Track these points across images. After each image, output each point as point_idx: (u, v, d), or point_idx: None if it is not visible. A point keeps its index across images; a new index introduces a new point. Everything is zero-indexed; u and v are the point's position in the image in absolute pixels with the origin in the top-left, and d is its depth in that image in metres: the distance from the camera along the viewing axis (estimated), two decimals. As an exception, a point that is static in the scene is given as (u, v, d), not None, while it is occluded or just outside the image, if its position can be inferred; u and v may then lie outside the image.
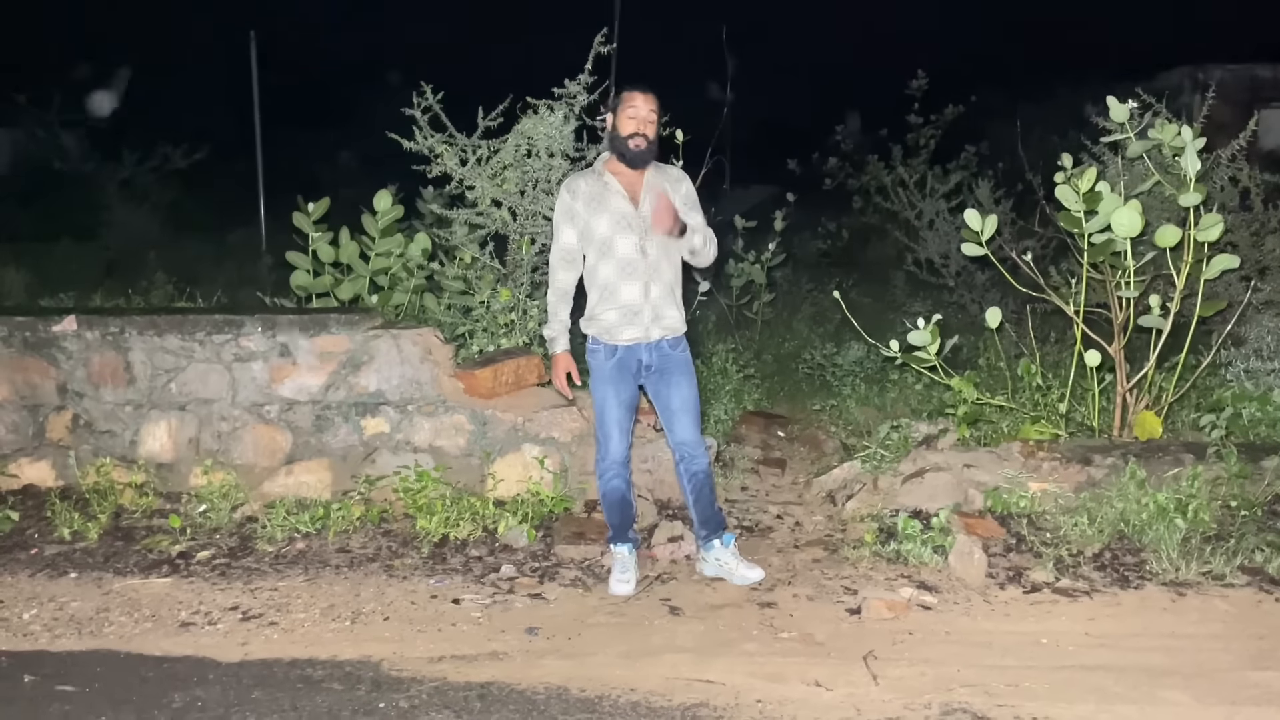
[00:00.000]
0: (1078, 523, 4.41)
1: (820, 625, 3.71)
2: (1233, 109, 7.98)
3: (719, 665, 3.40)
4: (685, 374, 4.06)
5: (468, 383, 5.10)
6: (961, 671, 3.33)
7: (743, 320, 8.65)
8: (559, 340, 4.11)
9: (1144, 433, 5.05)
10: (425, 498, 4.74)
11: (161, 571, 4.29)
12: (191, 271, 9.70)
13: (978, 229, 5.00)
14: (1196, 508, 4.34)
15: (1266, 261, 6.33)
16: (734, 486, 5.38)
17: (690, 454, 4.09)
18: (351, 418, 5.11)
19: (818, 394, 6.93)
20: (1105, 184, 4.84)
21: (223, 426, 5.15)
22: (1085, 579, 4.04)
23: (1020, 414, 5.42)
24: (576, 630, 3.71)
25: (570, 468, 5.01)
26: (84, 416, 5.21)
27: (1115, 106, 4.98)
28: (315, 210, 6.10)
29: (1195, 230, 4.80)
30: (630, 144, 3.92)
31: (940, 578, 4.09)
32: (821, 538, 4.64)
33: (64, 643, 3.66)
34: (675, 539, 4.44)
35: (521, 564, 4.32)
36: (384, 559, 4.39)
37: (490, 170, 5.82)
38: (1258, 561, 4.09)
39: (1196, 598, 3.87)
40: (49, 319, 5.25)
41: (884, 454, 5.19)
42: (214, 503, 4.82)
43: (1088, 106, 6.13)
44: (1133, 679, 3.26)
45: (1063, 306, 5.35)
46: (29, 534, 4.71)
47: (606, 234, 3.94)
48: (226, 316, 5.21)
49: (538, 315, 5.56)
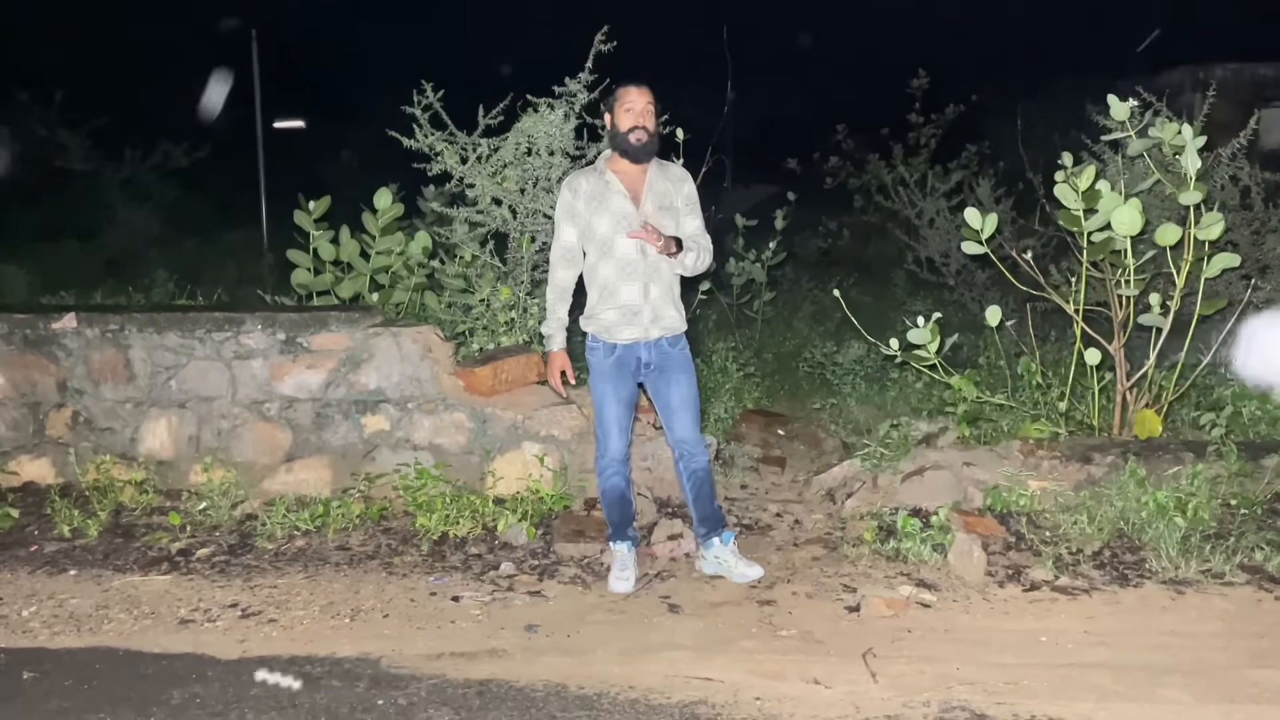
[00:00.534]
0: (1077, 521, 4.41)
1: (819, 623, 3.71)
2: (1233, 108, 7.96)
3: (718, 663, 3.40)
4: (685, 372, 4.06)
5: (468, 380, 5.11)
6: (961, 669, 3.33)
7: (743, 319, 8.65)
8: (555, 338, 4.11)
9: (1144, 431, 5.05)
10: (425, 495, 4.74)
11: (161, 569, 4.29)
12: (193, 270, 9.72)
13: (978, 227, 5.00)
14: (1196, 506, 4.34)
15: (1267, 260, 6.32)
16: (734, 484, 5.38)
17: (690, 452, 4.09)
18: (352, 415, 5.11)
19: (818, 392, 6.93)
20: (1105, 182, 4.84)
21: (223, 424, 5.15)
22: (1085, 577, 4.04)
23: (1020, 412, 5.42)
24: (576, 628, 3.71)
25: (570, 465, 5.01)
26: (84, 414, 5.21)
27: (1116, 105, 4.98)
28: (316, 208, 6.11)
29: (1196, 229, 4.80)
30: (632, 138, 3.92)
31: (940, 576, 4.08)
32: (821, 536, 4.64)
33: (63, 640, 3.66)
34: (675, 537, 4.44)
35: (521, 561, 4.32)
36: (383, 556, 4.39)
37: (490, 168, 5.82)
38: (1257, 560, 4.09)
39: (1196, 596, 3.87)
40: (49, 316, 5.26)
41: (884, 452, 5.18)
42: (214, 500, 4.82)
43: (1088, 105, 6.13)
44: (1132, 677, 3.26)
45: (1063, 305, 5.35)
46: (29, 531, 4.71)
47: (607, 233, 3.94)
48: (227, 314, 5.21)
49: (538, 313, 5.57)
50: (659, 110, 4.02)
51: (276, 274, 9.44)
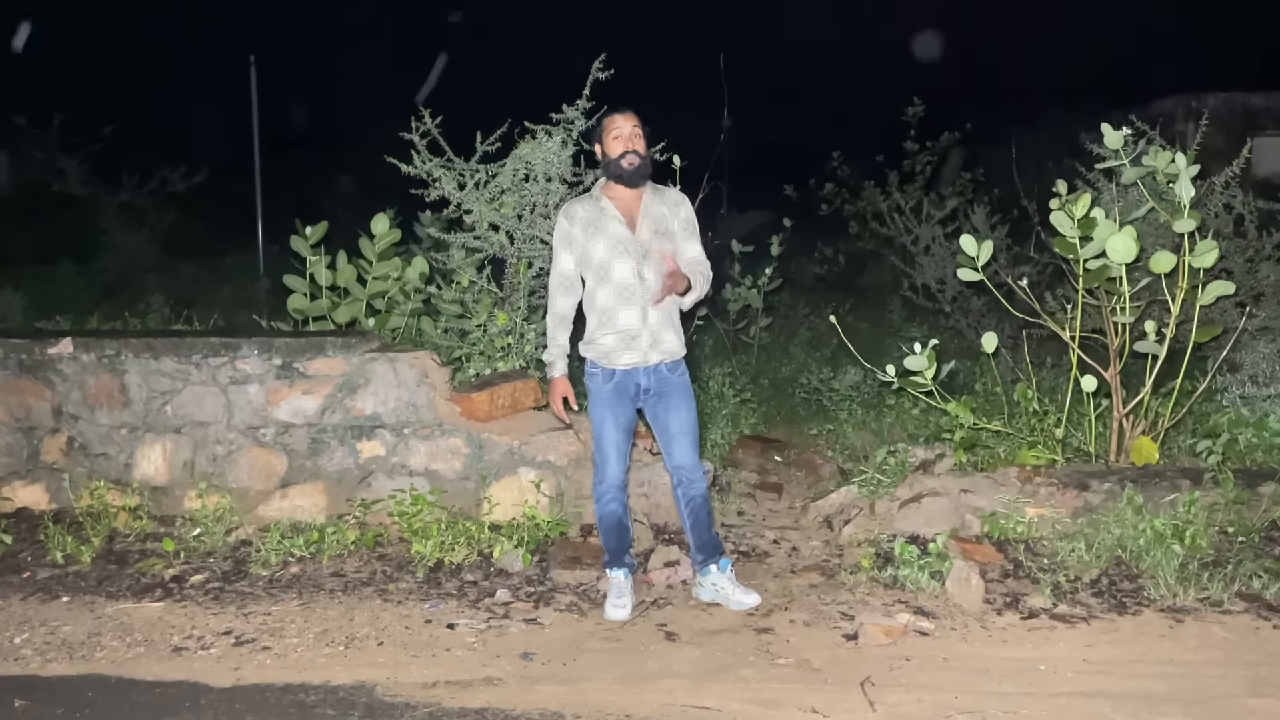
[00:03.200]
0: (1075, 548, 4.40)
1: (817, 651, 3.69)
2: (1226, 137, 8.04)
3: (715, 691, 3.38)
4: (684, 397, 4.05)
5: (464, 406, 5.10)
6: (959, 698, 3.31)
7: (740, 344, 8.66)
8: (557, 364, 4.11)
9: (1140, 458, 5.04)
10: (420, 521, 4.72)
11: (154, 595, 4.26)
12: (188, 295, 9.73)
13: (974, 254, 5.02)
14: (1194, 533, 4.33)
15: (1261, 288, 6.36)
16: (730, 511, 5.37)
17: (688, 478, 4.08)
18: (347, 441, 5.10)
19: (814, 418, 6.92)
20: (1100, 210, 4.87)
21: (218, 449, 5.14)
22: (1083, 605, 4.02)
23: (1017, 439, 5.42)
24: (572, 655, 3.69)
25: (566, 491, 5.00)
26: (79, 439, 5.19)
27: (1110, 133, 5.02)
28: (313, 234, 6.11)
29: (1190, 256, 4.82)
30: (624, 162, 3.93)
31: (937, 603, 4.07)
32: (818, 563, 4.62)
33: (55, 667, 3.63)
34: (671, 564, 4.42)
35: (517, 589, 4.30)
36: (379, 583, 4.37)
37: (488, 194, 5.84)
38: (1255, 588, 4.08)
39: (1194, 624, 3.85)
40: (45, 341, 5.25)
41: (881, 479, 5.18)
42: (208, 526, 4.80)
43: (1082, 134, 6.18)
44: (1131, 706, 3.24)
45: (1059, 332, 5.37)
46: (21, 557, 4.68)
47: (604, 259, 3.94)
48: (223, 339, 5.20)
49: (535, 339, 5.57)
50: (648, 134, 4.04)
51: (272, 299, 9.43)
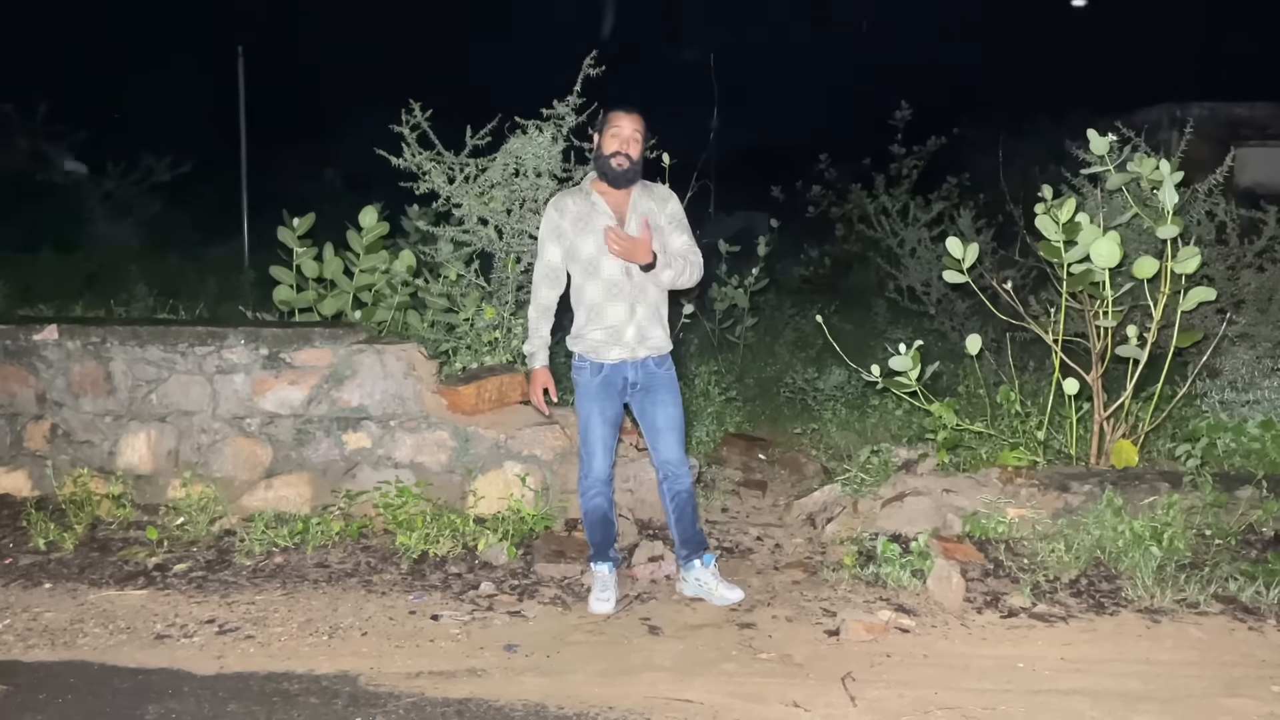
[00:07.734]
0: (1055, 549, 4.44)
1: (799, 646, 3.72)
2: (1210, 146, 8.10)
3: (698, 685, 3.40)
4: (671, 392, 4.07)
5: (451, 399, 5.10)
6: (939, 694, 3.34)
7: (725, 344, 8.69)
8: (538, 355, 4.11)
9: (1121, 461, 5.10)
10: (405, 513, 4.73)
11: (137, 583, 4.25)
12: (173, 285, 9.66)
13: (959, 257, 5.06)
14: (1172, 536, 4.38)
15: (1242, 295, 6.43)
16: (715, 508, 5.39)
17: (674, 473, 4.10)
18: (333, 432, 5.10)
19: (799, 418, 6.96)
20: (1085, 215, 4.92)
21: (203, 439, 5.13)
22: (1062, 604, 4.07)
23: (999, 440, 5.47)
24: (555, 648, 3.70)
25: (552, 485, 5.01)
26: (63, 426, 5.17)
27: (1095, 139, 5.06)
28: (300, 225, 6.10)
29: (1173, 262, 4.88)
30: (613, 163, 3.94)
31: (918, 601, 4.11)
32: (801, 560, 4.65)
33: (37, 653, 3.62)
34: (655, 558, 4.44)
35: (501, 581, 4.31)
36: (363, 574, 4.37)
37: (478, 188, 5.84)
38: (1231, 590, 4.13)
39: (1171, 625, 3.90)
40: (29, 327, 5.22)
41: (864, 478, 5.22)
42: (192, 515, 4.79)
43: (1068, 140, 6.23)
44: (1108, 704, 3.28)
45: (1042, 335, 5.41)
46: (4, 544, 4.66)
47: (593, 254, 3.96)
48: (210, 328, 5.19)
49: (521, 333, 5.58)
50: (647, 138, 4.04)
51: (257, 291, 9.40)
